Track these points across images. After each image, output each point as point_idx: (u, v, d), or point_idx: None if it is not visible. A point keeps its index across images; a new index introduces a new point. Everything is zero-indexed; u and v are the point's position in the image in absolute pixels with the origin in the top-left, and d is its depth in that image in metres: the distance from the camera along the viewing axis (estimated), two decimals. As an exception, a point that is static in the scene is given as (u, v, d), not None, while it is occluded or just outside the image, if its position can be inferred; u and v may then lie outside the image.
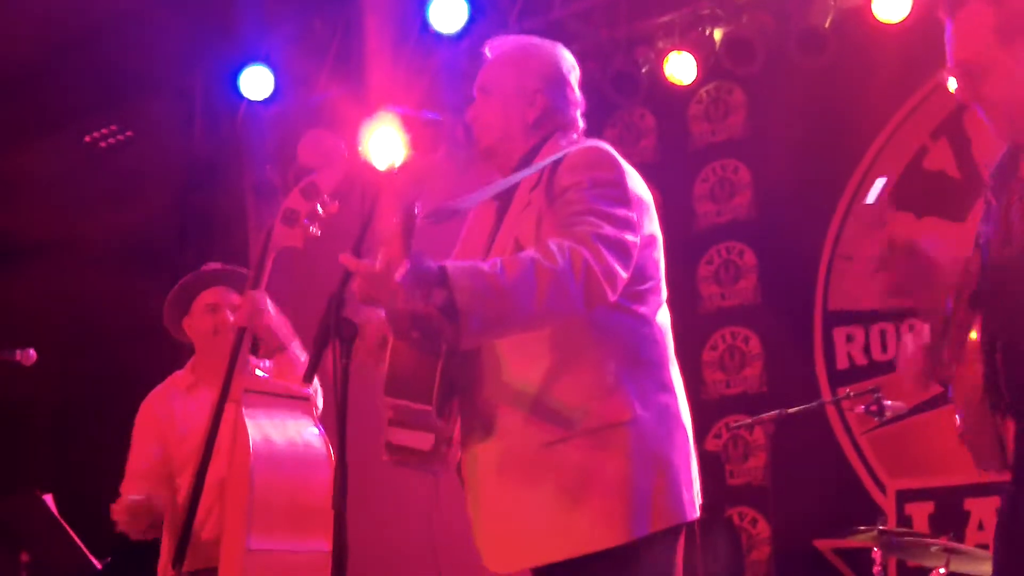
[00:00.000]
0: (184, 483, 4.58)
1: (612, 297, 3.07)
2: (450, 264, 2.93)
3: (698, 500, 3.24)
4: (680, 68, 7.36)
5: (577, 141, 3.44)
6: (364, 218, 3.12)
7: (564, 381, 3.17)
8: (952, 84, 2.89)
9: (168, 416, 4.80)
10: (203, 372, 4.84)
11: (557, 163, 3.26)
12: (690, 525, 3.24)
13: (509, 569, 3.22)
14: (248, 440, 4.04)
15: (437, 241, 3.24)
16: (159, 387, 4.93)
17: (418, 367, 3.15)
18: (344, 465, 2.88)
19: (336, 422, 2.94)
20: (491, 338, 3.13)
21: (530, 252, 3.01)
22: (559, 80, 3.50)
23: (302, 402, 4.29)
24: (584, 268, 2.98)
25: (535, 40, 3.60)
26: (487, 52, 3.57)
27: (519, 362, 3.20)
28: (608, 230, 3.08)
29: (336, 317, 2.96)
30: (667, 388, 3.26)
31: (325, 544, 2.96)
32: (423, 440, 3.28)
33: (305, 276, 6.08)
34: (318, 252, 4.69)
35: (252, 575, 3.94)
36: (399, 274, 2.82)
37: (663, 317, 3.35)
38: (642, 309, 3.26)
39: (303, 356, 4.53)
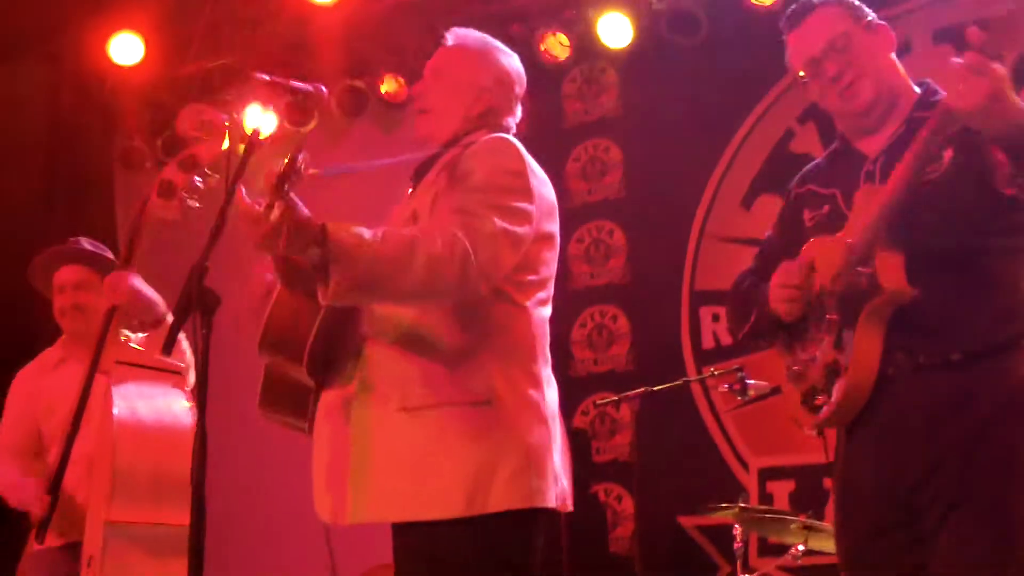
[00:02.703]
0: (53, 457, 4.51)
1: (485, 290, 3.12)
2: (331, 224, 2.94)
3: (556, 492, 3.24)
4: (554, 46, 7.37)
5: None
6: (232, 181, 3.13)
7: (433, 353, 3.19)
8: (805, 77, 3.33)
9: (36, 391, 4.72)
10: (72, 348, 4.77)
11: (466, 147, 3.32)
12: (550, 514, 3.25)
13: (345, 521, 3.20)
14: (113, 411, 3.99)
15: (338, 202, 3.24)
16: (30, 364, 4.87)
17: (297, 321, 3.19)
18: (203, 437, 2.86)
19: (196, 393, 2.93)
20: (357, 302, 3.18)
21: (413, 230, 3.08)
22: (509, 87, 3.56)
23: (174, 376, 4.24)
24: (462, 257, 3.03)
25: (498, 43, 3.63)
26: (448, 39, 3.58)
27: (393, 325, 3.22)
28: (497, 221, 3.13)
29: (198, 287, 2.94)
30: (535, 381, 3.29)
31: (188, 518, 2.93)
32: (294, 395, 3.31)
33: (175, 247, 6.00)
34: (188, 224, 4.65)
35: (112, 546, 3.90)
36: (274, 215, 2.81)
37: (542, 313, 3.41)
38: (522, 299, 3.31)
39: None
